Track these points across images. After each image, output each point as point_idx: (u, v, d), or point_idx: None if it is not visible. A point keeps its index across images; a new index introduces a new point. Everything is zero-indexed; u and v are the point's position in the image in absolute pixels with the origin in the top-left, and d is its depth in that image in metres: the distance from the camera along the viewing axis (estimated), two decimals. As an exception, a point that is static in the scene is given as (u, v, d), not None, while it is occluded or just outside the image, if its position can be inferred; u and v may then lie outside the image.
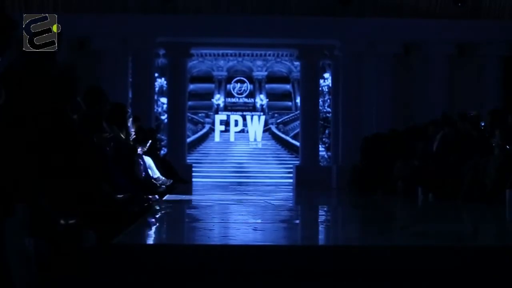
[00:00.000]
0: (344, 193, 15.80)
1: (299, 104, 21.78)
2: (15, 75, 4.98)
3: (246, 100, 24.93)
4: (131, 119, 10.69)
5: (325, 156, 22.40)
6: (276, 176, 22.38)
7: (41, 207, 4.21)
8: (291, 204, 11.60)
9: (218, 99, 24.92)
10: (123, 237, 5.07)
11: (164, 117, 22.32)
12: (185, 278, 4.32)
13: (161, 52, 19.79)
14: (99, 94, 8.37)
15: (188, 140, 21.95)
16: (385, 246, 4.82)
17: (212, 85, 24.88)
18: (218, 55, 24.07)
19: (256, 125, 24.62)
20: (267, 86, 25.03)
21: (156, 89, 21.46)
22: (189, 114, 22.11)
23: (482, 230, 6.94)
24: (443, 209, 9.95)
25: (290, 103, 25.23)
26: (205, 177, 21.33)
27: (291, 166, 21.52)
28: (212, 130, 24.80)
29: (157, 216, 7.62)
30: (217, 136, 24.62)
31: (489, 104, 17.13)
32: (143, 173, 10.50)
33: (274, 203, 10.65)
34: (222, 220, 7.69)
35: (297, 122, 22.23)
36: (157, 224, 6.95)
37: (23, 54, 5.68)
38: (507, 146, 10.33)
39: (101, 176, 6.10)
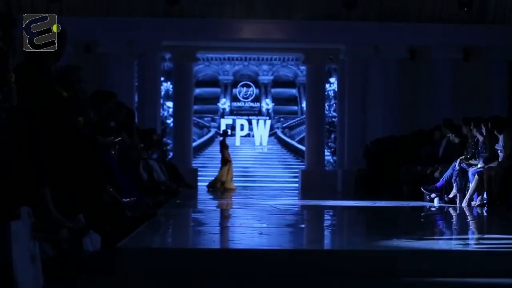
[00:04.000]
0: (350, 197, 15.77)
1: (305, 108, 21.78)
2: (20, 77, 4.99)
3: (252, 104, 24.93)
4: None
5: (331, 160, 22.40)
6: (282, 181, 22.37)
7: (47, 210, 4.22)
8: (296, 208, 11.59)
9: (224, 103, 24.94)
10: (128, 240, 5.07)
11: (170, 121, 22.34)
12: (190, 282, 4.32)
13: (167, 56, 19.82)
14: (106, 97, 8.39)
15: (194, 144, 21.95)
16: (390, 250, 4.81)
17: (218, 89, 24.89)
18: (224, 59, 24.07)
19: (261, 129, 24.62)
20: (273, 90, 25.02)
21: (162, 93, 21.48)
22: (194, 118, 22.12)
23: (487, 234, 6.93)
24: (449, 214, 9.94)
25: (296, 108, 25.22)
26: (210, 181, 21.31)
27: (296, 170, 21.51)
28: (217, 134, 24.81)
29: (162, 220, 7.62)
30: (222, 140, 24.62)
31: (495, 109, 17.11)
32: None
33: (280, 207, 10.64)
34: (228, 224, 7.69)
35: (303, 127, 22.24)
36: (162, 228, 6.95)
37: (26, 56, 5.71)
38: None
39: (106, 180, 6.11)
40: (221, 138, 19.98)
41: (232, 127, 24.65)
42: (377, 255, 4.65)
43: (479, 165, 10.92)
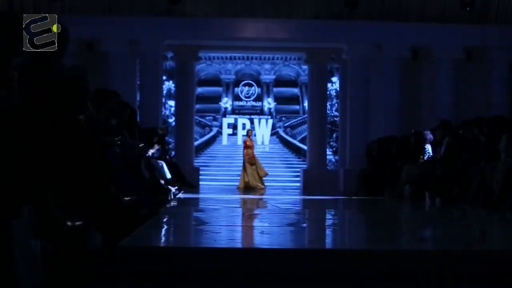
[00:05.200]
0: (351, 197, 15.76)
1: (306, 107, 21.77)
2: (23, 75, 4.99)
3: (253, 103, 24.93)
4: None
5: (333, 160, 22.39)
6: (284, 180, 22.35)
7: (48, 209, 4.21)
8: (298, 208, 11.59)
9: (226, 102, 24.93)
10: (129, 239, 5.07)
11: (171, 120, 22.35)
12: (191, 281, 4.32)
13: (169, 55, 19.82)
14: (107, 95, 8.38)
15: (196, 143, 21.95)
16: (392, 250, 4.81)
17: (220, 88, 24.89)
18: (226, 58, 24.08)
19: (263, 128, 24.61)
20: (275, 89, 25.02)
21: (164, 92, 21.48)
22: (196, 117, 22.13)
23: (489, 234, 6.93)
24: (450, 213, 9.93)
25: (297, 107, 25.22)
26: (212, 180, 21.33)
27: (298, 169, 21.51)
28: (219, 133, 24.80)
29: (164, 219, 7.63)
30: (224, 139, 24.63)
31: (497, 109, 17.11)
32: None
33: (281, 207, 10.64)
34: (229, 223, 7.69)
35: (305, 126, 22.23)
36: (164, 226, 6.95)
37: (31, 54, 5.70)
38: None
39: (108, 178, 6.11)
40: (245, 138, 19.96)
41: (234, 126, 24.65)
42: (377, 255, 4.65)
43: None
